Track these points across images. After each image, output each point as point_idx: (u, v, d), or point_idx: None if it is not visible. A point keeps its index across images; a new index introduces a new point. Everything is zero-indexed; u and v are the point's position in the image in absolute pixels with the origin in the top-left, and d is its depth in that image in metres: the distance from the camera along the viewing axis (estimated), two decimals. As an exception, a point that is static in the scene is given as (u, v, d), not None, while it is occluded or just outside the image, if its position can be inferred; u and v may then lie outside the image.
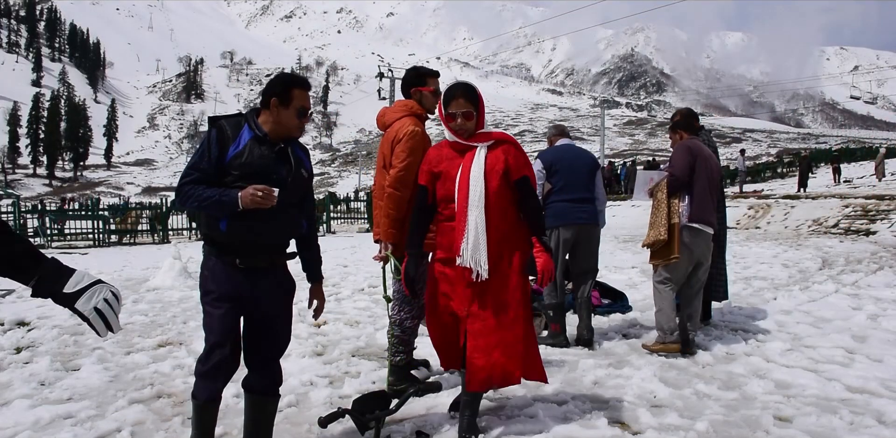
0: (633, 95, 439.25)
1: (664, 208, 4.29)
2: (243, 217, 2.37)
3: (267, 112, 2.48)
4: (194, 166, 2.40)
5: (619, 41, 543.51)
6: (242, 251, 2.44)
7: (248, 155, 2.40)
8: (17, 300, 6.70)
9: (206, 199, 2.34)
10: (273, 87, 2.47)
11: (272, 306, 2.54)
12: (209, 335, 2.46)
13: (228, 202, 2.33)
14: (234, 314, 2.48)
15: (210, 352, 2.46)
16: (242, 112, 2.54)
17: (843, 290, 6.65)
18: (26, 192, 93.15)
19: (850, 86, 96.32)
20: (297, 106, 2.45)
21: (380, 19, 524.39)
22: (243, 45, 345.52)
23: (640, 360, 4.14)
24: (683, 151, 4.36)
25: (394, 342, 3.53)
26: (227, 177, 2.40)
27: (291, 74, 2.56)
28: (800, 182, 24.20)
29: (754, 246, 11.87)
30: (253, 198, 2.31)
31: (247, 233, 2.41)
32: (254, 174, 2.39)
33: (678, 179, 4.28)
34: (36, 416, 3.17)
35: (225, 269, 2.45)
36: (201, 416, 2.51)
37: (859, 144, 74.91)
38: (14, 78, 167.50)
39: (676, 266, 4.28)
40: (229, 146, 2.41)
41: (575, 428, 2.97)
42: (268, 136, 2.45)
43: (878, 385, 3.56)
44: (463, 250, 2.71)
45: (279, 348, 2.61)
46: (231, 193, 2.33)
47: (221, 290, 2.45)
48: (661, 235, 4.23)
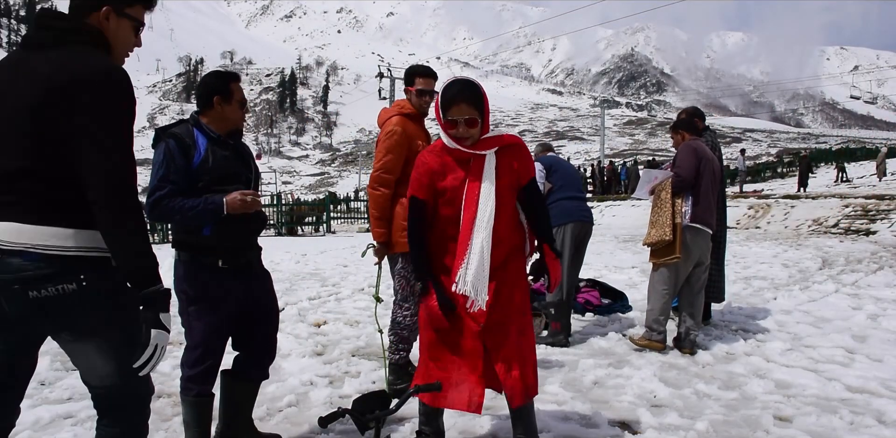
0: (633, 95, 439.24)
1: (668, 208, 4.30)
2: (226, 220, 2.40)
3: (209, 112, 2.52)
4: (164, 178, 2.36)
5: (619, 41, 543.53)
6: (224, 253, 2.47)
7: (212, 159, 2.43)
8: (17, 299, 6.70)
9: (191, 209, 2.33)
10: (211, 85, 2.51)
11: (261, 298, 2.62)
12: (199, 341, 2.49)
13: (215, 209, 2.35)
14: (224, 316, 2.51)
15: (202, 357, 2.49)
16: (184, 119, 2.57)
17: (843, 290, 6.65)
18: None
19: (850, 86, 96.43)
20: (238, 99, 2.52)
21: (380, 19, 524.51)
22: (243, 44, 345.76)
23: (640, 360, 4.14)
24: (689, 151, 4.37)
25: (393, 340, 3.54)
26: (198, 184, 2.41)
27: (222, 70, 2.64)
28: (800, 182, 24.20)
29: (754, 246, 11.87)
30: (242, 203, 2.36)
31: (231, 235, 2.46)
32: (224, 177, 2.44)
33: (684, 179, 4.30)
34: (36, 416, 3.16)
35: (208, 273, 2.46)
36: (199, 412, 2.52)
37: (859, 144, 74.92)
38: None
39: (677, 266, 4.30)
40: (193, 154, 2.41)
41: (575, 428, 2.97)
42: (221, 136, 2.50)
43: (879, 384, 3.56)
44: (460, 276, 2.35)
45: (273, 332, 2.71)
46: (215, 200, 2.35)
47: (211, 296, 2.46)
48: (666, 235, 4.24)
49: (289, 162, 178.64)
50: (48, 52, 1.59)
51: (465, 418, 3.09)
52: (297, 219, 20.78)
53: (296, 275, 8.45)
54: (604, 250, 11.57)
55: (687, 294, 4.45)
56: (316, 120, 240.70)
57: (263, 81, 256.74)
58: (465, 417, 3.10)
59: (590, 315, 5.62)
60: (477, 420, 3.05)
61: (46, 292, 1.53)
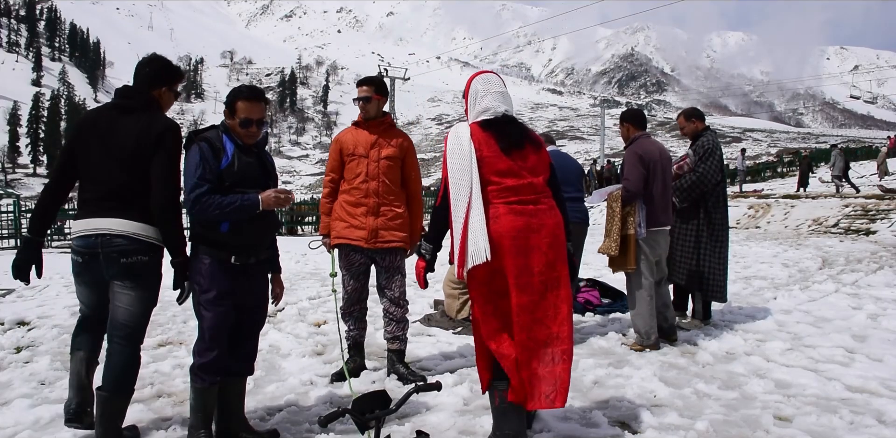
0: (633, 95, 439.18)
1: (618, 222, 4.33)
2: (243, 219, 2.67)
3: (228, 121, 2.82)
4: (202, 177, 2.63)
5: (619, 41, 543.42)
6: (238, 250, 2.71)
7: (238, 164, 2.69)
8: (17, 299, 6.70)
9: (228, 205, 2.61)
10: (227, 98, 2.79)
11: (259, 297, 2.87)
12: (211, 332, 2.68)
13: (251, 206, 2.64)
14: (231, 309, 2.73)
15: (211, 347, 2.69)
16: (215, 125, 2.83)
17: (843, 289, 6.65)
18: (26, 191, 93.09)
19: (850, 85, 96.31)
20: (241, 117, 2.71)
21: (380, 19, 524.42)
22: (243, 44, 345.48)
23: (640, 360, 4.14)
24: (635, 161, 4.30)
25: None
26: (223, 185, 2.67)
27: (244, 86, 2.80)
28: (800, 182, 24.18)
29: (754, 246, 11.87)
30: (277, 199, 2.67)
31: (245, 232, 2.70)
32: (244, 181, 2.70)
33: (633, 193, 4.27)
34: (36, 415, 3.17)
35: (221, 267, 2.70)
36: (205, 399, 2.71)
37: (859, 143, 74.85)
38: (14, 78, 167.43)
39: (640, 271, 4.38)
40: (222, 157, 2.68)
41: (575, 428, 2.97)
42: (246, 144, 2.76)
43: (879, 384, 3.56)
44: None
45: (258, 329, 2.94)
46: (251, 197, 2.65)
47: (221, 288, 2.69)
48: (612, 251, 4.33)
49: (289, 162, 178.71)
50: (137, 114, 2.64)
51: (465, 417, 3.10)
52: (297, 219, 20.80)
53: (296, 275, 8.44)
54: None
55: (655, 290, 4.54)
56: (316, 120, 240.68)
57: (263, 81, 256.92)
58: (465, 417, 3.10)
59: (590, 315, 5.62)
60: (477, 419, 3.05)
61: (132, 260, 2.60)
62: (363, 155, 3.64)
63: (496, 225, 2.54)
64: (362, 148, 3.65)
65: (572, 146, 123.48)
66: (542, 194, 2.64)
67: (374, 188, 3.63)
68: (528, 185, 2.60)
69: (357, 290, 3.79)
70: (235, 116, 2.71)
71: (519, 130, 2.68)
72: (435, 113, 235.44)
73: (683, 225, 4.93)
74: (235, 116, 2.71)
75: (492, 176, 2.58)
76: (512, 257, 2.52)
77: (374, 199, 3.63)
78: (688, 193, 4.81)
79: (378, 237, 3.64)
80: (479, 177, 2.55)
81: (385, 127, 3.73)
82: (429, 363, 4.14)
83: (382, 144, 3.67)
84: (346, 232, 3.68)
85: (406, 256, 3.80)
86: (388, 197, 3.66)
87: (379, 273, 3.78)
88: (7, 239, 16.60)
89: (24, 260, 2.67)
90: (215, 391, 2.73)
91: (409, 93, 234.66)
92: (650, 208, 4.32)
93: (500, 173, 2.59)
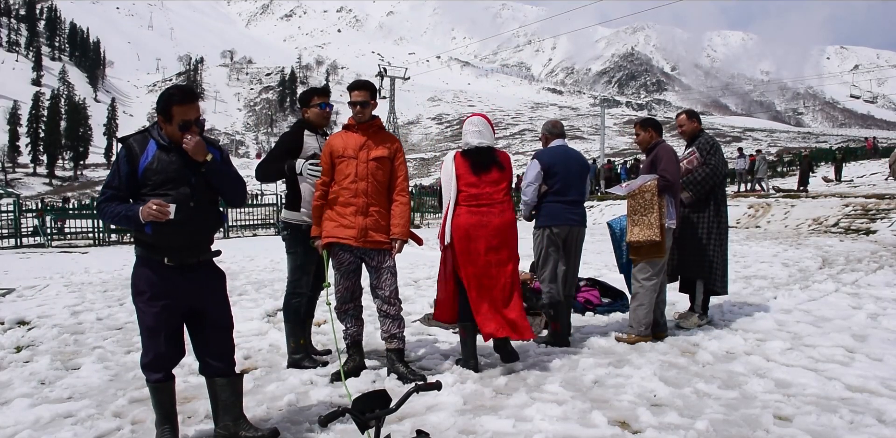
0: (633, 94, 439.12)
1: (656, 210, 4.47)
2: (165, 223, 2.59)
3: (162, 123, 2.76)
4: (108, 184, 2.66)
5: (619, 40, 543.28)
6: (169, 251, 2.68)
7: (157, 164, 2.65)
8: (17, 299, 6.70)
9: (116, 215, 2.61)
10: (157, 104, 2.73)
11: (209, 296, 2.81)
12: (145, 333, 2.71)
13: (133, 217, 2.59)
14: (169, 310, 2.70)
15: (149, 346, 2.71)
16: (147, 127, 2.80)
17: (843, 289, 6.65)
18: (26, 191, 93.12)
19: (850, 85, 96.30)
20: (178, 121, 2.66)
21: (380, 18, 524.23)
22: (243, 44, 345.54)
23: (640, 359, 4.14)
24: (674, 156, 4.65)
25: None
26: (143, 188, 2.64)
27: (174, 88, 2.73)
28: (800, 181, 24.17)
29: (754, 245, 11.87)
30: (149, 212, 2.54)
31: (168, 234, 2.63)
32: (168, 181, 2.64)
33: (674, 184, 4.57)
34: (36, 415, 3.17)
35: (156, 268, 2.69)
36: (158, 396, 2.76)
37: (859, 143, 74.82)
38: (14, 77, 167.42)
39: (660, 262, 4.59)
40: (139, 161, 2.65)
41: (575, 428, 2.97)
42: (172, 144, 2.70)
43: (879, 384, 3.56)
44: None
45: (223, 331, 2.87)
46: (134, 208, 2.59)
47: (154, 290, 2.68)
48: (657, 236, 4.46)
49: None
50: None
51: (465, 417, 3.10)
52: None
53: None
54: (604, 249, 11.55)
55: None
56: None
57: (263, 81, 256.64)
58: (464, 417, 3.11)
59: (590, 315, 5.62)
60: (477, 419, 3.05)
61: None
62: (352, 157, 3.73)
63: (457, 220, 3.87)
64: (352, 150, 3.75)
65: (573, 146, 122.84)
66: (499, 201, 3.88)
67: (363, 188, 3.70)
68: (485, 194, 3.87)
69: (348, 288, 3.85)
70: (173, 122, 2.65)
71: (487, 157, 3.91)
72: (435, 112, 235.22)
73: (695, 216, 5.06)
74: (173, 122, 2.65)
75: (462, 187, 3.89)
76: (463, 242, 3.84)
77: (363, 199, 3.70)
78: (701, 185, 4.99)
79: (367, 237, 3.71)
80: (455, 187, 3.89)
81: (375, 130, 3.84)
82: (429, 363, 4.15)
83: (371, 146, 3.77)
84: (336, 231, 3.72)
85: (398, 250, 3.82)
86: (377, 197, 3.74)
87: (370, 273, 3.84)
88: (7, 239, 16.55)
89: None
90: (169, 388, 2.78)
91: (409, 92, 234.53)
92: (675, 202, 4.63)
93: (468, 185, 3.88)
